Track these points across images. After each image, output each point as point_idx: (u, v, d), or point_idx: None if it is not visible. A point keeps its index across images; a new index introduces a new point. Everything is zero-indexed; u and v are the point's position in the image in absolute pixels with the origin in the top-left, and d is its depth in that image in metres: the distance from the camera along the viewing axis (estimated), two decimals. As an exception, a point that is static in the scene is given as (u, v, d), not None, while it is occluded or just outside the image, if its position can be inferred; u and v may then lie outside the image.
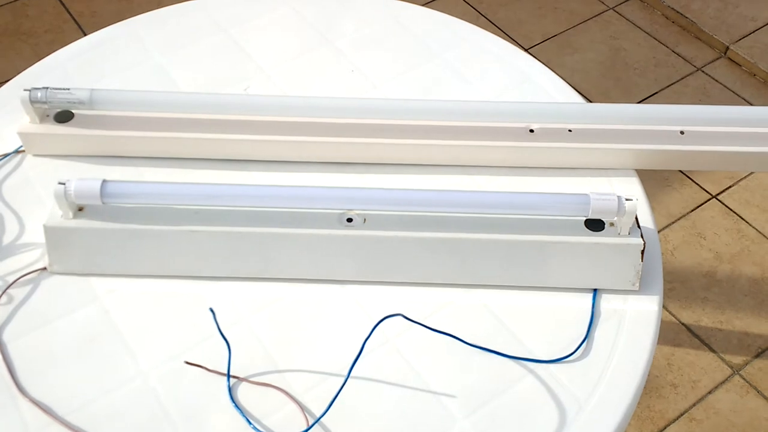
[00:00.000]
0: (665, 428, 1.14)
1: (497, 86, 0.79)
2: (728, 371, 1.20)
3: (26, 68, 0.82)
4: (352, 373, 0.56)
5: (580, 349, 0.59)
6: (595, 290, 0.63)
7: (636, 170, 0.71)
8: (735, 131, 0.70)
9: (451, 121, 0.71)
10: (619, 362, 0.59)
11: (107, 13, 1.76)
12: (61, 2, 1.78)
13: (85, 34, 1.69)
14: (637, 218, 0.62)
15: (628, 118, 0.70)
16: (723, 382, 1.19)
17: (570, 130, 0.70)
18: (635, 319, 0.61)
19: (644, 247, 0.61)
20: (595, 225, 0.63)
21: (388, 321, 0.59)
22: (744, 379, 1.19)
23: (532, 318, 0.61)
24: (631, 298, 0.63)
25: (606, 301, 0.62)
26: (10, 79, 0.81)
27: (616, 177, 0.70)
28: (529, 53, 1.42)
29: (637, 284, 0.62)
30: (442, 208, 0.62)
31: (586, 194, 0.61)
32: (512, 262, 0.62)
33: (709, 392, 1.18)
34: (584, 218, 0.63)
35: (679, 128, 0.70)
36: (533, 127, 0.71)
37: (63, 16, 1.75)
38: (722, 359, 1.21)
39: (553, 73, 0.81)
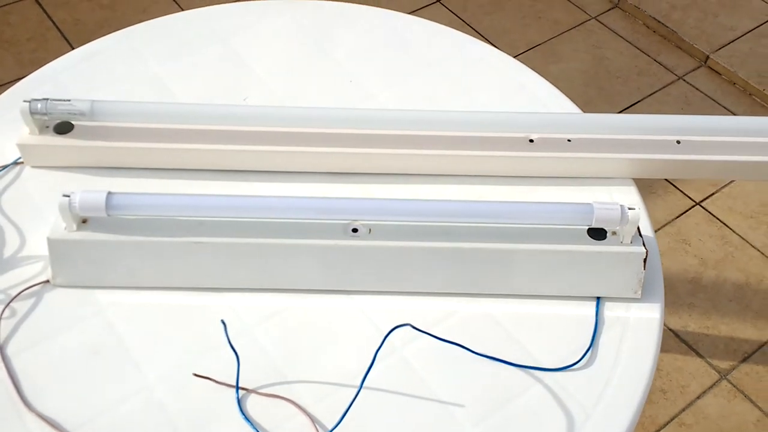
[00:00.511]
0: (655, 433, 1.16)
1: (494, 96, 0.80)
2: (716, 376, 1.22)
3: (9, 77, 0.81)
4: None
5: (585, 357, 0.60)
6: (598, 298, 0.64)
7: (633, 179, 0.72)
8: (729, 141, 0.72)
9: (451, 131, 0.71)
10: (624, 369, 0.59)
11: (91, 21, 1.74)
12: (44, 10, 1.77)
13: (69, 42, 1.70)
14: (638, 227, 0.63)
15: (626, 128, 0.72)
16: (711, 387, 1.21)
17: (569, 140, 0.71)
18: (638, 327, 0.62)
19: (646, 256, 0.62)
20: (597, 234, 0.63)
21: (394, 331, 0.59)
22: (731, 383, 1.21)
23: (536, 326, 0.62)
24: (634, 306, 0.63)
25: (609, 309, 0.63)
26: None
27: (614, 186, 0.71)
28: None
29: (639, 292, 0.63)
30: (447, 217, 0.63)
31: (589, 204, 0.61)
32: (516, 271, 0.63)
33: (698, 397, 1.19)
34: (587, 227, 0.63)
35: (676, 138, 0.72)
36: (533, 137, 0.71)
37: (46, 24, 1.73)
38: (710, 364, 1.23)
39: (548, 83, 0.82)
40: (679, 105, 1.63)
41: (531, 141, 0.71)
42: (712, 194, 1.46)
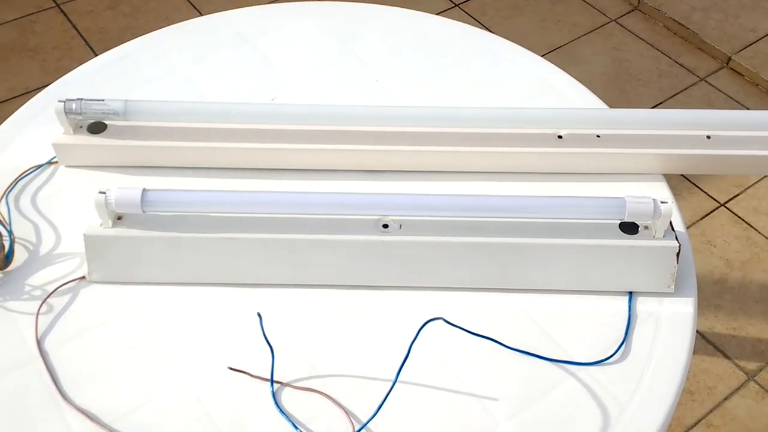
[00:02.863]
0: (683, 435, 1.15)
1: (521, 94, 0.80)
2: (743, 377, 1.21)
3: (35, 84, 0.82)
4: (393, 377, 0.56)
5: (619, 351, 0.60)
6: (630, 293, 0.63)
7: (664, 175, 0.72)
8: (761, 135, 0.71)
9: (480, 127, 0.72)
10: (658, 363, 0.59)
11: (114, 29, 1.77)
12: (68, 18, 1.79)
13: (93, 50, 1.72)
14: (671, 221, 0.63)
15: (656, 124, 0.71)
16: (738, 388, 1.19)
17: (598, 136, 0.71)
18: (671, 321, 0.62)
19: (680, 250, 0.62)
20: (629, 228, 0.63)
21: (427, 325, 0.59)
22: (759, 384, 1.20)
23: (568, 321, 0.62)
24: (666, 300, 0.63)
25: (642, 304, 0.63)
26: (19, 95, 0.81)
27: (644, 182, 0.71)
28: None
29: (672, 286, 0.63)
30: (478, 212, 0.63)
31: (622, 197, 0.61)
32: (548, 266, 0.63)
33: (726, 398, 1.18)
34: (618, 222, 0.63)
35: (706, 133, 0.71)
36: (562, 133, 0.71)
37: (70, 33, 1.76)
38: (737, 365, 1.22)
39: (576, 81, 0.82)
40: (701, 107, 1.62)
41: (560, 137, 0.71)
42: (737, 195, 1.45)
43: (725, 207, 1.43)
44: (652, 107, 1.61)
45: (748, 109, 1.61)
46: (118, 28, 1.77)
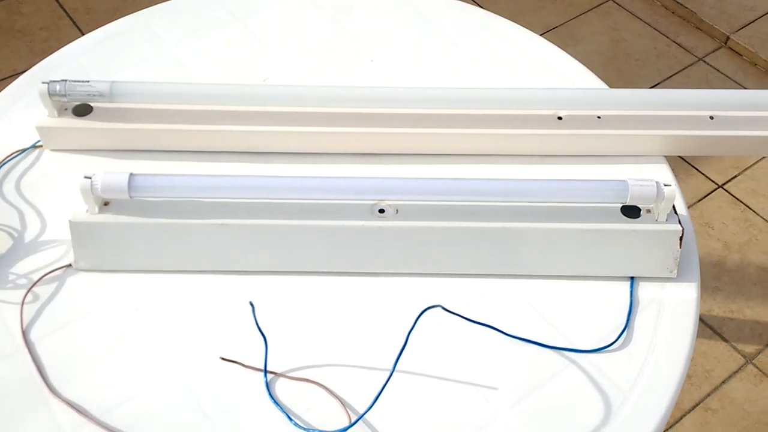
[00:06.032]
0: (681, 418, 1.14)
1: (520, 74, 0.78)
2: (741, 360, 1.20)
3: (22, 66, 0.80)
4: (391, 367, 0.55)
5: (621, 338, 0.58)
6: (632, 278, 0.62)
7: (665, 157, 0.70)
8: (765, 116, 0.69)
9: (478, 109, 0.70)
10: (661, 350, 0.58)
11: (102, 9, 1.73)
12: (56, -1, 1.75)
13: (81, 31, 1.68)
14: (674, 204, 0.61)
15: (658, 104, 0.70)
16: (736, 372, 1.19)
17: (599, 117, 0.69)
18: (674, 307, 0.60)
19: (683, 234, 0.60)
20: (631, 212, 0.62)
21: (424, 313, 0.57)
22: (757, 367, 1.19)
23: (569, 308, 0.60)
24: (669, 285, 0.62)
25: (644, 289, 0.61)
26: (6, 77, 0.79)
27: (646, 164, 0.69)
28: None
29: (675, 271, 0.61)
30: (477, 196, 0.61)
31: (624, 180, 0.60)
32: (548, 251, 0.61)
33: (723, 382, 1.18)
34: (620, 205, 0.62)
35: (709, 113, 0.70)
36: (561, 114, 0.70)
37: (57, 13, 1.72)
38: (735, 348, 1.21)
39: (575, 60, 0.80)
40: (699, 87, 1.60)
41: (560, 118, 0.70)
42: (735, 176, 1.44)
43: (723, 189, 1.42)
44: (650, 88, 1.59)
45: (746, 89, 1.59)
46: (106, 9, 1.73)
